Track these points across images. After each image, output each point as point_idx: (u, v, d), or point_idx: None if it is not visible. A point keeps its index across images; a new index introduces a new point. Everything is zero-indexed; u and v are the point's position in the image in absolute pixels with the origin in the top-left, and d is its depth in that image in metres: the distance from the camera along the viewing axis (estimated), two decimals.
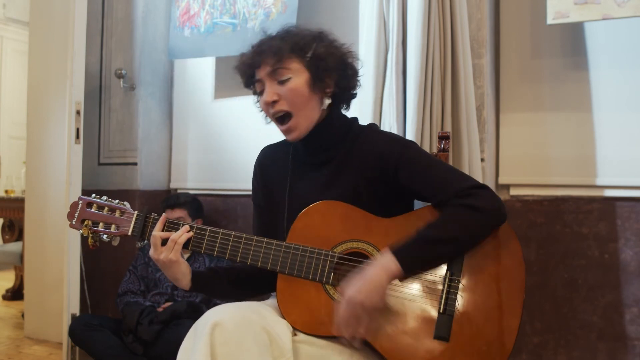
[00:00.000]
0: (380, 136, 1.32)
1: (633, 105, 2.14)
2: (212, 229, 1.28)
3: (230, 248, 1.27)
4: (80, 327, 2.44)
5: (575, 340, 2.18)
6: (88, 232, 1.31)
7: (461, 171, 1.33)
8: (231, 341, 1.07)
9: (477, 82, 2.20)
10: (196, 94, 3.13)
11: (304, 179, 1.35)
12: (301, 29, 1.32)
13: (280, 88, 1.27)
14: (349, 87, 1.35)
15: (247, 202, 2.89)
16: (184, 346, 1.15)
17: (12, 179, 4.52)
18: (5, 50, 5.75)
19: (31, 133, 3.16)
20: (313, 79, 1.27)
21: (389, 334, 1.16)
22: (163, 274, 2.61)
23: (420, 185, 1.25)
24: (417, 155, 1.28)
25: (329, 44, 1.31)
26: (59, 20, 2.91)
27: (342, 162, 1.31)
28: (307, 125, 1.29)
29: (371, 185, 1.28)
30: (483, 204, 1.18)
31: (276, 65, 1.26)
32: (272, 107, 1.28)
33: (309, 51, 1.27)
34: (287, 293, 1.23)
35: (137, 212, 1.32)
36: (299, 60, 1.27)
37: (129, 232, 1.31)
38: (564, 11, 2.04)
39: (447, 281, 1.17)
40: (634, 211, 2.12)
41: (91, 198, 1.35)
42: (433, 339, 1.14)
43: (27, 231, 3.15)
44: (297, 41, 1.27)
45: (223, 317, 1.10)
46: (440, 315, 1.16)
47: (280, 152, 1.42)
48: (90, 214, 1.33)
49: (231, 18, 2.81)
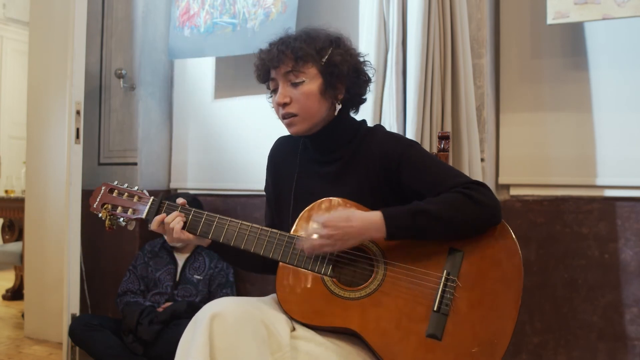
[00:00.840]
0: (385, 136, 1.35)
1: (633, 105, 2.14)
2: (220, 217, 1.34)
3: (237, 235, 1.31)
4: (80, 327, 2.44)
5: (575, 340, 2.18)
6: (107, 214, 1.37)
7: (462, 172, 1.34)
8: (230, 332, 1.09)
9: (477, 82, 2.20)
10: (196, 94, 3.13)
11: (311, 176, 1.38)
12: (320, 32, 1.33)
13: (292, 91, 1.30)
14: (359, 93, 1.38)
15: (247, 202, 2.89)
16: (184, 338, 1.16)
17: (12, 179, 4.52)
18: (5, 50, 5.74)
19: (31, 133, 3.15)
20: (325, 85, 1.30)
21: (381, 329, 1.17)
22: (163, 274, 2.63)
23: (420, 183, 1.26)
24: (419, 155, 1.30)
25: (345, 52, 1.32)
26: (59, 20, 2.91)
27: (349, 161, 1.34)
28: (309, 125, 1.32)
29: (375, 184, 1.30)
30: (480, 198, 1.19)
31: (293, 68, 1.29)
32: (283, 108, 1.31)
33: (325, 56, 1.29)
34: (286, 282, 1.26)
35: (152, 198, 1.38)
36: (314, 65, 1.29)
37: (144, 215, 1.36)
38: (564, 11, 2.04)
39: (443, 280, 1.18)
40: (634, 211, 2.12)
41: (113, 184, 1.42)
42: (426, 337, 1.15)
43: (27, 231, 3.15)
44: (315, 46, 1.29)
45: (222, 308, 1.11)
46: (434, 314, 1.16)
47: (291, 146, 1.45)
48: (110, 198, 1.40)
49: (231, 18, 2.81)
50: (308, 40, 1.30)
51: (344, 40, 1.35)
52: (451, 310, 1.16)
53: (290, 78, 1.29)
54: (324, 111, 1.33)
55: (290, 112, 1.30)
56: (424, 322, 1.16)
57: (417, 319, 1.16)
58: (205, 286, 2.60)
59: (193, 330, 1.13)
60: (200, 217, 1.34)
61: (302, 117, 1.30)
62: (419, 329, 1.15)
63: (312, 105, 1.30)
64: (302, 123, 1.31)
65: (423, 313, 1.17)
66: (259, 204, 2.83)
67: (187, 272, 2.62)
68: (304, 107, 1.30)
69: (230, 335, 1.08)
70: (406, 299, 1.18)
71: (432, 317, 1.16)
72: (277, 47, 1.30)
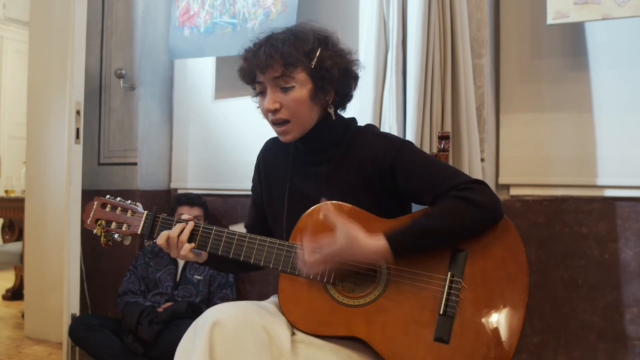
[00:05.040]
0: (376, 137, 1.32)
1: (633, 105, 2.14)
2: (217, 228, 1.30)
3: (235, 247, 1.27)
4: (80, 327, 2.44)
5: (575, 340, 2.18)
6: (101, 231, 1.35)
7: (457, 169, 1.32)
8: (230, 340, 1.07)
9: (477, 82, 2.20)
10: (196, 94, 3.13)
11: (303, 177, 1.35)
12: (306, 31, 1.28)
13: (282, 96, 1.26)
14: (348, 94, 1.35)
15: (247, 202, 2.88)
16: (183, 344, 1.15)
17: (12, 179, 4.52)
18: (5, 50, 5.75)
19: (31, 133, 3.15)
20: (315, 89, 1.27)
21: (387, 335, 1.16)
22: (163, 274, 2.63)
23: (416, 183, 1.24)
24: (412, 155, 1.27)
25: (334, 53, 1.28)
26: (59, 20, 2.91)
27: (339, 161, 1.31)
28: (302, 131, 1.30)
29: (367, 184, 1.28)
30: (479, 198, 1.17)
31: (282, 74, 1.24)
32: (273, 114, 1.28)
33: (314, 59, 1.25)
34: (288, 292, 1.24)
35: (146, 212, 1.35)
36: (304, 70, 1.25)
37: (139, 230, 1.34)
38: (564, 11, 2.04)
39: (447, 282, 1.17)
40: (634, 211, 2.12)
41: (105, 199, 1.39)
42: (433, 340, 1.14)
43: (27, 231, 3.15)
44: (304, 48, 1.25)
45: (223, 316, 1.10)
46: (440, 317, 1.15)
47: (282, 148, 1.42)
48: (103, 214, 1.37)
49: (231, 18, 2.81)
50: (296, 42, 1.25)
51: (332, 38, 1.30)
52: (457, 312, 1.14)
53: (279, 83, 1.25)
54: (315, 116, 1.30)
55: (282, 118, 1.27)
56: (430, 326, 1.14)
57: (424, 324, 1.15)
58: (206, 286, 2.60)
59: (193, 337, 1.12)
60: (198, 230, 1.31)
61: (295, 123, 1.27)
62: (426, 333, 1.14)
63: (303, 111, 1.27)
64: (295, 131, 1.29)
65: (429, 317, 1.15)
66: None
67: (187, 273, 2.62)
68: (295, 113, 1.26)
69: (230, 343, 1.07)
70: (411, 304, 1.17)
71: (439, 321, 1.15)
72: (264, 51, 1.25)
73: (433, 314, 1.16)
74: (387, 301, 1.18)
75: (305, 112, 1.27)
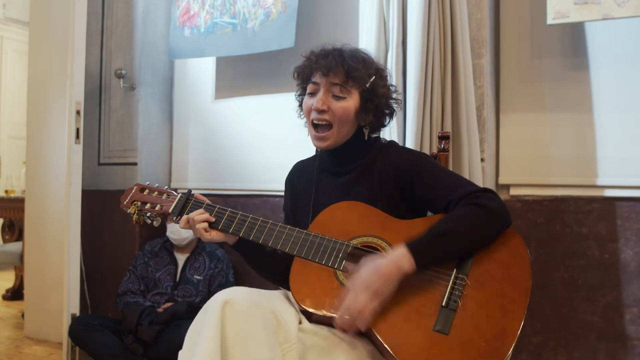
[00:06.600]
0: (397, 150, 1.43)
1: (633, 105, 2.14)
2: (242, 214, 1.39)
3: (257, 230, 1.35)
4: (80, 327, 2.44)
5: (575, 340, 2.18)
6: (135, 209, 1.45)
7: (469, 180, 1.41)
8: (241, 319, 1.11)
9: (477, 82, 2.20)
10: (196, 94, 3.13)
11: (327, 186, 1.45)
12: (370, 58, 1.41)
13: (332, 102, 1.36)
14: (383, 123, 1.47)
15: (246, 202, 2.89)
16: (193, 328, 1.17)
17: (12, 179, 4.52)
18: (5, 50, 5.74)
19: (31, 133, 3.15)
20: (361, 108, 1.37)
21: (390, 321, 1.18)
22: (163, 274, 2.63)
23: (432, 191, 1.33)
24: (430, 166, 1.37)
25: (386, 85, 1.41)
26: (59, 20, 2.91)
27: (363, 172, 1.41)
28: (338, 141, 1.39)
29: (386, 193, 1.36)
30: (492, 205, 1.24)
31: (342, 83, 1.35)
32: (320, 114, 1.36)
33: (369, 82, 1.36)
34: (300, 274, 1.29)
35: (180, 194, 1.45)
36: (359, 88, 1.37)
37: (170, 209, 1.42)
38: (564, 11, 2.04)
39: (453, 278, 1.21)
40: (634, 211, 2.12)
41: (145, 184, 1.50)
42: (433, 331, 1.16)
43: (27, 231, 3.15)
44: (367, 70, 1.37)
45: (234, 296, 1.15)
46: (442, 309, 1.18)
47: (308, 165, 1.54)
48: (140, 197, 1.48)
49: (231, 18, 2.81)
50: (363, 63, 1.37)
51: (385, 71, 1.44)
52: (459, 306, 1.18)
53: (335, 90, 1.35)
54: (351, 132, 1.40)
55: (327, 120, 1.36)
56: (432, 317, 1.17)
57: (426, 314, 1.18)
58: (205, 286, 2.60)
59: (203, 317, 1.15)
60: (224, 214, 1.39)
61: (335, 130, 1.36)
62: (427, 323, 1.17)
63: (346, 121, 1.36)
64: (333, 138, 1.37)
65: (432, 308, 1.19)
66: (259, 204, 2.83)
67: (187, 273, 2.62)
68: (339, 119, 1.36)
69: (241, 321, 1.11)
70: (415, 294, 1.20)
71: (441, 313, 1.18)
72: (334, 57, 1.35)
73: (436, 306, 1.19)
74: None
75: (347, 123, 1.37)
